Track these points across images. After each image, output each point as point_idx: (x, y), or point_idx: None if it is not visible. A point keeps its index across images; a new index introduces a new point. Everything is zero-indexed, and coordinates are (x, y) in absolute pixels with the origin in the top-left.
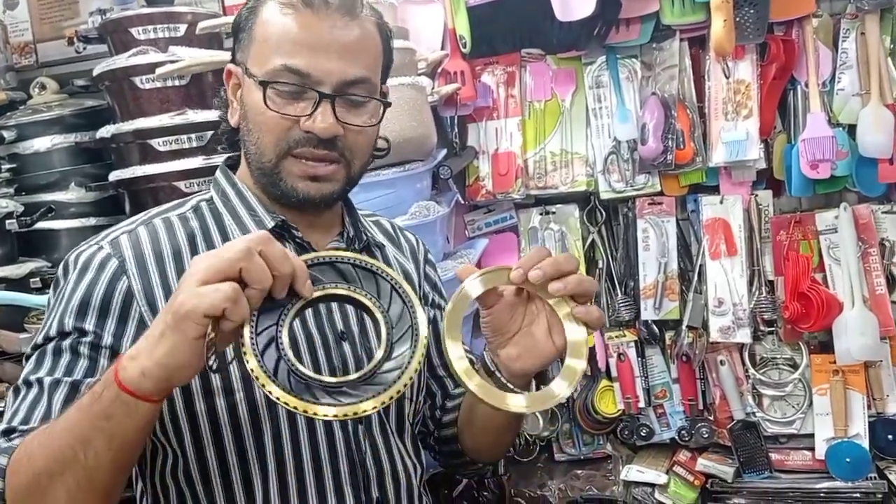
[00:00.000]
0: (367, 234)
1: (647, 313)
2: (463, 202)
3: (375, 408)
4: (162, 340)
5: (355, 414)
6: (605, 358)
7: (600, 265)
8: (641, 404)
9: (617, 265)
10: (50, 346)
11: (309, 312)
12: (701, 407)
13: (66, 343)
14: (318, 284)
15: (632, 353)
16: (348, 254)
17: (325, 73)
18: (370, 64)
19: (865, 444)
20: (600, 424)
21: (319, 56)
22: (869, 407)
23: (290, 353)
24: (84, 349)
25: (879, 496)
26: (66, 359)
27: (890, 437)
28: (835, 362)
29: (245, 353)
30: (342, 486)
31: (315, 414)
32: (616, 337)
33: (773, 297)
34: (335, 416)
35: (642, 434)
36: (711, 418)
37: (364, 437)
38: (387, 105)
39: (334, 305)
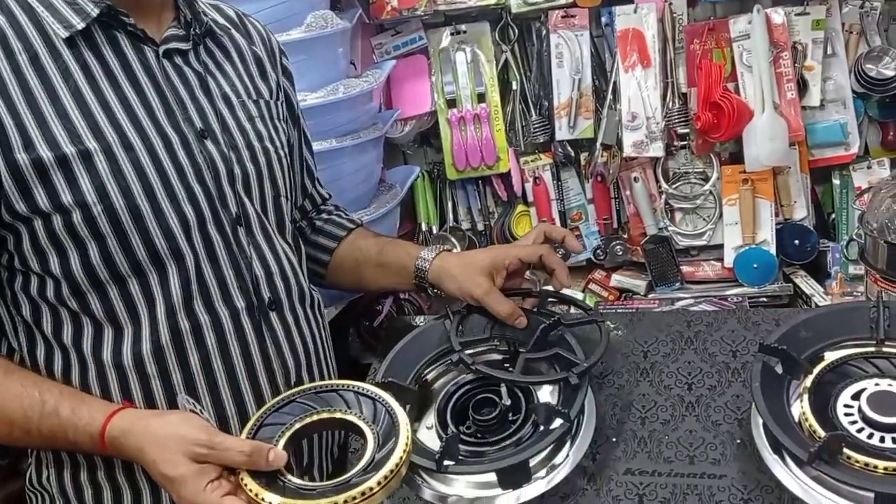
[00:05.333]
0: (206, 17)
1: (562, 133)
2: (367, 21)
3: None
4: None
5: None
6: (520, 182)
7: (514, 87)
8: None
9: (531, 85)
10: None
11: (161, 113)
12: (616, 226)
13: None
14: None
15: (547, 176)
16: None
17: None
18: None
19: (772, 249)
20: None
21: None
22: (777, 214)
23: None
24: None
25: (785, 299)
26: None
27: (796, 242)
28: (745, 172)
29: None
30: (230, 293)
31: None
32: (531, 161)
33: (687, 109)
34: None
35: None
36: (626, 236)
37: (246, 239)
38: None
39: (188, 100)
